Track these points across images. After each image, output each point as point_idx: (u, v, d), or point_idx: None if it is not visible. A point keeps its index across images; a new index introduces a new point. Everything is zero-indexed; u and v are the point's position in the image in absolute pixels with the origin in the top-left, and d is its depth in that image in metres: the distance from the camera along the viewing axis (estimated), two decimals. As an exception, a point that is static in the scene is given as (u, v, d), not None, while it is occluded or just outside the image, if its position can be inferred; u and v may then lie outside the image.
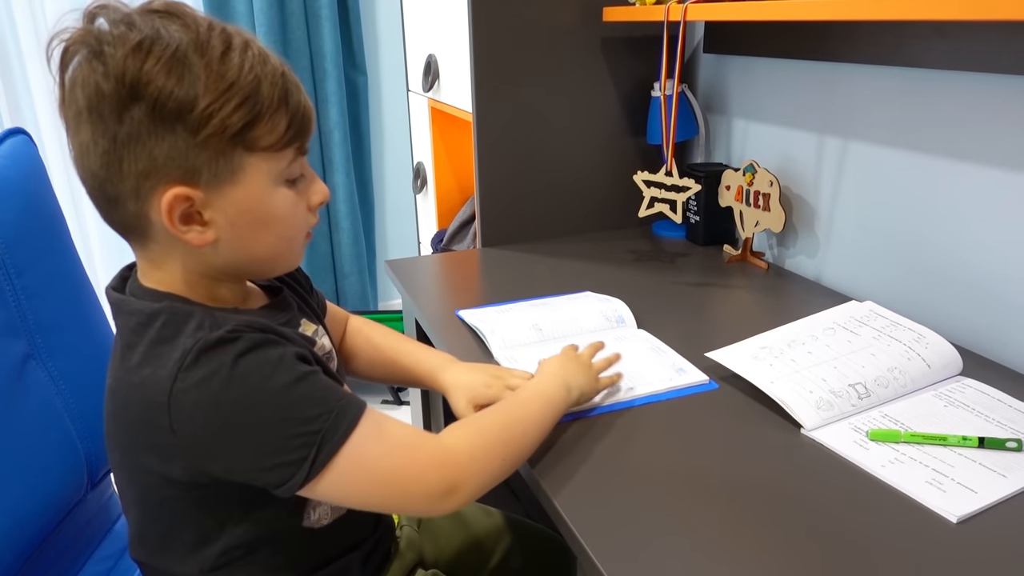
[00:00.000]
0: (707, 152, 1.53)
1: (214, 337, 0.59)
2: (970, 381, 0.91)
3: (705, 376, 0.93)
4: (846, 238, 1.22)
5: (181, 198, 0.60)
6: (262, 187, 0.64)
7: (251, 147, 0.61)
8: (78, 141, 0.60)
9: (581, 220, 1.54)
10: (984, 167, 0.98)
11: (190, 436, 0.59)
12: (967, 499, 0.71)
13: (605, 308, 1.09)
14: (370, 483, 0.63)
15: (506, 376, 0.86)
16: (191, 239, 0.62)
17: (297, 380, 0.60)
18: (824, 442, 0.81)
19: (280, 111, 0.62)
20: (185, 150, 0.59)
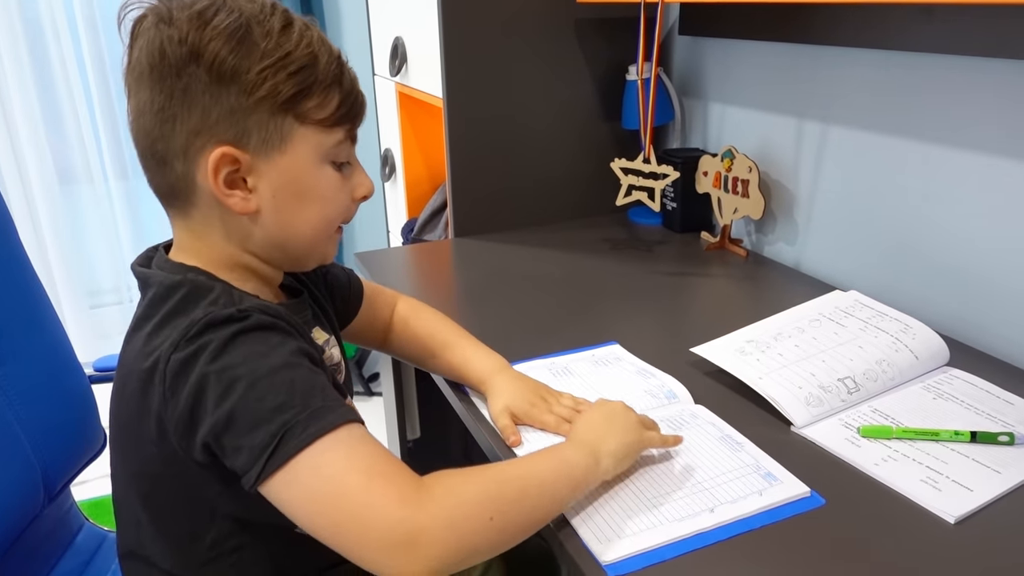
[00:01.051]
0: (683, 137, 1.50)
1: (223, 313, 0.59)
2: (957, 372, 0.90)
3: (805, 487, 0.70)
4: (826, 225, 1.20)
5: (228, 158, 0.61)
6: (308, 161, 0.65)
7: (302, 118, 0.63)
8: (136, 102, 0.62)
9: (556, 208, 1.50)
10: (968, 152, 0.97)
11: (180, 403, 0.58)
12: (963, 498, 0.69)
13: (649, 385, 0.88)
14: (321, 498, 0.55)
15: (552, 401, 0.79)
16: (233, 204, 0.63)
17: (287, 366, 0.58)
18: (815, 440, 0.79)
19: (333, 88, 0.64)
20: (237, 110, 0.61)
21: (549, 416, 0.78)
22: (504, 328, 1.06)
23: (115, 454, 0.69)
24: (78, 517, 1.04)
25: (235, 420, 0.56)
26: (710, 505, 0.68)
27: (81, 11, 2.30)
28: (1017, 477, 0.72)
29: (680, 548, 0.63)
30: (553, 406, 0.79)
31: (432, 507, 0.55)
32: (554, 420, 0.77)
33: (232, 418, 0.56)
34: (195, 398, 0.57)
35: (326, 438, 0.56)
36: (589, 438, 0.69)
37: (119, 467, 0.69)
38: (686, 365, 0.93)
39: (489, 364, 0.86)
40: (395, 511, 0.54)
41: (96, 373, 1.08)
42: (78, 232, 2.53)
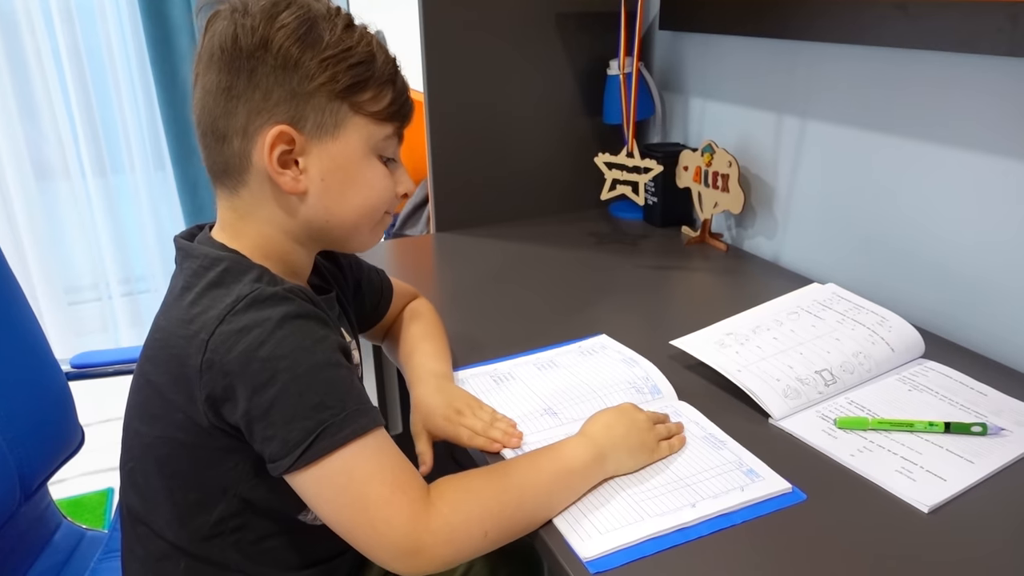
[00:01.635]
0: (664, 132, 1.50)
1: (269, 291, 0.62)
2: (932, 364, 0.91)
3: (787, 483, 0.71)
4: (804, 219, 1.21)
5: (284, 138, 0.65)
6: (359, 149, 0.69)
7: (356, 107, 0.67)
8: (204, 82, 0.66)
9: (538, 202, 1.50)
10: (944, 147, 0.98)
11: (219, 374, 0.60)
12: (937, 487, 0.70)
13: (634, 376, 0.88)
14: (346, 498, 0.60)
15: (468, 414, 0.78)
16: (284, 182, 0.67)
17: (330, 365, 0.62)
18: (793, 432, 0.80)
19: (387, 85, 0.69)
20: (298, 94, 0.65)
21: (461, 430, 0.77)
22: (489, 324, 1.06)
23: (136, 418, 0.70)
24: (56, 515, 1.03)
25: (273, 411, 0.59)
26: (692, 500, 0.69)
27: (56, 4, 2.27)
28: (989, 466, 0.73)
29: (661, 543, 0.64)
30: (466, 418, 0.78)
31: (435, 524, 0.60)
32: (467, 434, 0.76)
33: (271, 408, 0.59)
34: (236, 379, 0.60)
35: (358, 441, 0.60)
36: (598, 436, 0.71)
37: (139, 430, 0.69)
38: (667, 358, 0.93)
39: (420, 371, 0.85)
40: (405, 525, 0.60)
41: (73, 370, 1.08)
42: (55, 228, 2.50)
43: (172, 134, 2.43)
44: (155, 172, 2.55)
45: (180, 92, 2.40)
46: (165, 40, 2.34)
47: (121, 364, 1.08)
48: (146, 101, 2.45)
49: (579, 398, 0.84)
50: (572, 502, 0.67)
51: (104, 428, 1.46)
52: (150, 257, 2.61)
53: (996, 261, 0.94)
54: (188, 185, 2.50)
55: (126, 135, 2.47)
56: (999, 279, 0.94)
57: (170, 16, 2.32)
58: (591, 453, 0.69)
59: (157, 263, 2.62)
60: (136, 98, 2.45)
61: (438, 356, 0.88)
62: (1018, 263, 0.92)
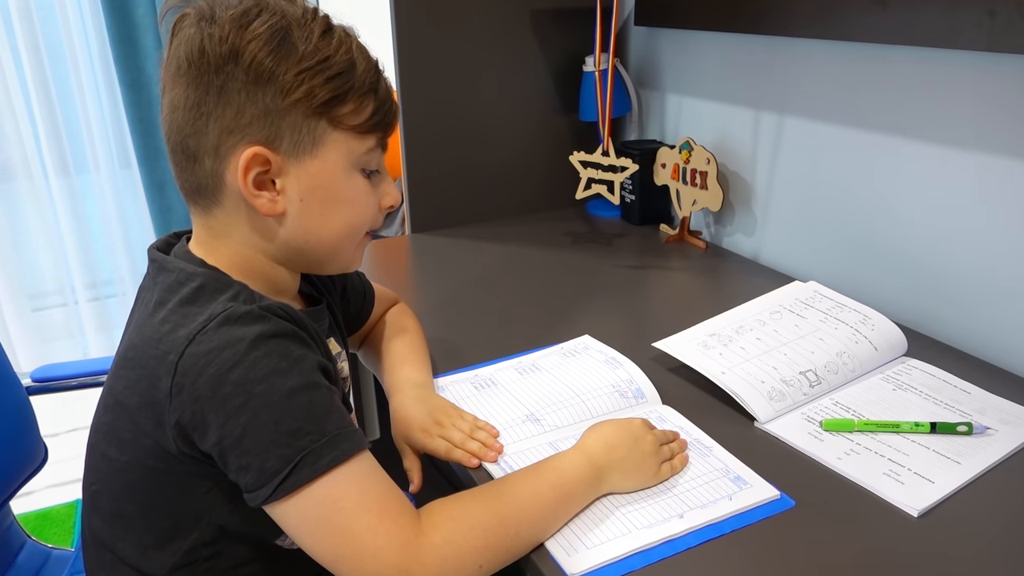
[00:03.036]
0: (640, 129, 1.49)
1: (243, 309, 0.59)
2: (915, 362, 0.90)
3: (775, 490, 0.69)
4: (784, 216, 1.20)
5: (259, 159, 0.61)
6: (339, 166, 0.65)
7: (336, 123, 0.63)
8: (171, 97, 0.62)
9: (514, 201, 1.48)
10: (925, 144, 0.97)
11: (188, 399, 0.57)
12: (925, 491, 0.69)
13: (618, 379, 0.85)
14: (330, 529, 0.57)
15: (447, 425, 0.76)
16: (260, 205, 0.63)
17: (306, 387, 0.58)
18: (779, 435, 0.78)
19: (369, 96, 0.64)
20: (272, 111, 0.61)
21: (439, 442, 0.74)
22: (469, 328, 1.03)
23: (103, 440, 0.66)
24: (19, 535, 0.99)
25: (247, 438, 0.56)
26: (679, 511, 0.67)
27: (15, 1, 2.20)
28: (976, 467, 0.72)
29: (649, 557, 0.62)
30: (445, 430, 0.75)
31: (427, 556, 0.57)
32: (444, 447, 0.74)
33: (245, 436, 0.56)
34: (206, 404, 0.56)
35: (341, 468, 0.57)
36: (597, 454, 0.68)
37: (106, 453, 0.66)
38: (650, 360, 0.92)
39: (399, 380, 0.82)
40: (395, 557, 0.56)
41: (34, 384, 1.03)
42: (18, 231, 2.43)
43: (138, 132, 2.37)
44: (120, 171, 2.48)
45: (146, 90, 2.34)
46: (129, 38, 2.28)
47: (84, 377, 1.04)
48: (110, 99, 2.39)
49: (562, 403, 0.82)
50: (566, 523, 0.65)
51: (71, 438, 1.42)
52: (117, 260, 2.54)
53: (974, 257, 0.94)
54: (155, 184, 2.44)
55: (90, 133, 2.40)
56: (977, 275, 0.94)
57: (134, 13, 2.26)
58: (589, 472, 0.66)
59: (125, 266, 2.55)
60: (99, 96, 2.38)
61: (418, 364, 0.85)
62: (995, 259, 0.91)
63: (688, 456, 0.74)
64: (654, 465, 0.70)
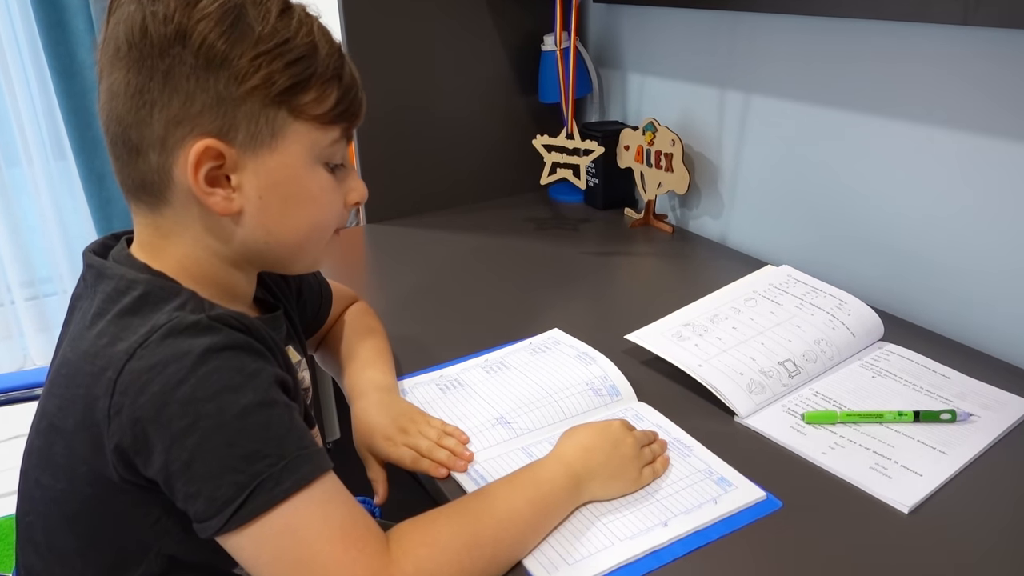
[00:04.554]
0: (601, 110, 1.44)
1: (190, 319, 0.53)
2: (892, 347, 0.88)
3: (761, 491, 0.66)
4: (752, 197, 1.17)
5: (212, 153, 0.56)
6: (301, 160, 0.59)
7: (297, 112, 0.58)
8: (108, 83, 0.56)
9: (473, 188, 1.43)
10: (895, 121, 0.95)
11: (129, 421, 0.51)
12: (914, 484, 0.67)
13: (591, 376, 0.81)
14: (291, 560, 0.51)
15: (412, 432, 0.71)
16: (214, 204, 0.57)
17: (262, 405, 0.53)
18: (760, 430, 0.75)
19: (332, 82, 0.59)
20: (225, 100, 0.55)
21: (404, 452, 0.69)
22: (431, 324, 0.98)
23: (37, 466, 0.60)
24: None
25: (196, 463, 0.51)
26: (663, 518, 0.63)
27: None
28: (962, 457, 0.70)
29: (635, 570, 0.58)
30: (415, 438, 0.70)
31: None
32: (410, 457, 0.69)
33: (193, 461, 0.51)
34: (149, 426, 0.51)
35: (302, 493, 0.52)
36: (575, 461, 0.64)
37: (40, 480, 0.60)
38: (622, 353, 0.88)
39: (361, 384, 0.77)
40: None
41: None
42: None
43: (72, 123, 2.24)
44: (55, 163, 2.35)
45: (79, 77, 2.21)
46: (59, 23, 2.14)
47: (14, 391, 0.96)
48: (40, 87, 2.25)
49: (534, 404, 0.77)
50: (544, 537, 0.61)
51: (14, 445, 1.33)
52: (55, 257, 2.42)
53: (949, 238, 0.92)
54: (93, 176, 2.31)
55: (20, 124, 2.26)
56: (953, 256, 0.92)
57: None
58: (568, 482, 0.62)
59: (63, 263, 2.43)
60: (29, 85, 2.24)
61: (381, 366, 0.80)
62: (968, 239, 0.89)
63: (669, 458, 0.70)
64: (635, 470, 0.66)
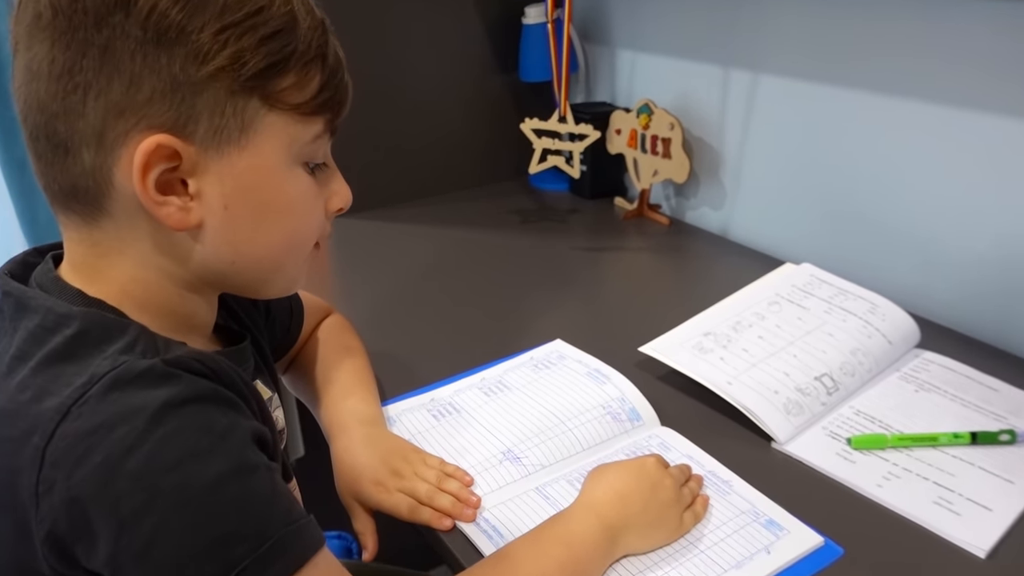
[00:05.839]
0: (588, 90, 1.34)
1: (141, 366, 0.41)
2: (930, 355, 0.80)
3: (817, 535, 0.57)
4: (757, 187, 1.08)
5: (164, 152, 0.44)
6: (277, 160, 0.48)
7: (272, 101, 0.46)
8: (27, 59, 0.44)
9: (448, 176, 1.31)
10: (920, 102, 0.86)
11: (64, 501, 0.40)
12: (985, 522, 0.59)
13: (607, 397, 0.70)
14: None
15: (407, 474, 0.61)
16: (167, 216, 0.45)
17: (237, 472, 0.41)
18: (803, 458, 0.66)
19: (315, 64, 0.48)
20: (182, 85, 0.43)
21: (400, 500, 0.59)
22: (414, 337, 0.87)
23: None
24: None
25: (154, 552, 0.39)
26: (713, 575, 0.54)
27: None
28: (1032, 486, 0.63)
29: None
30: (405, 481, 0.60)
31: None
32: (407, 506, 0.59)
33: (150, 549, 0.39)
34: (91, 506, 0.39)
35: None
36: (609, 512, 0.55)
37: None
38: (634, 368, 0.78)
39: (341, 416, 0.66)
40: None
41: None
42: None
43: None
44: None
45: None
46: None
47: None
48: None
49: (544, 433, 0.67)
50: None
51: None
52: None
53: (984, 231, 0.84)
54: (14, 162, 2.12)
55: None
56: (988, 252, 0.84)
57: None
58: (602, 536, 0.53)
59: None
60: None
61: (363, 393, 0.69)
62: (1008, 232, 0.82)
63: (708, 497, 0.61)
64: (676, 516, 0.57)
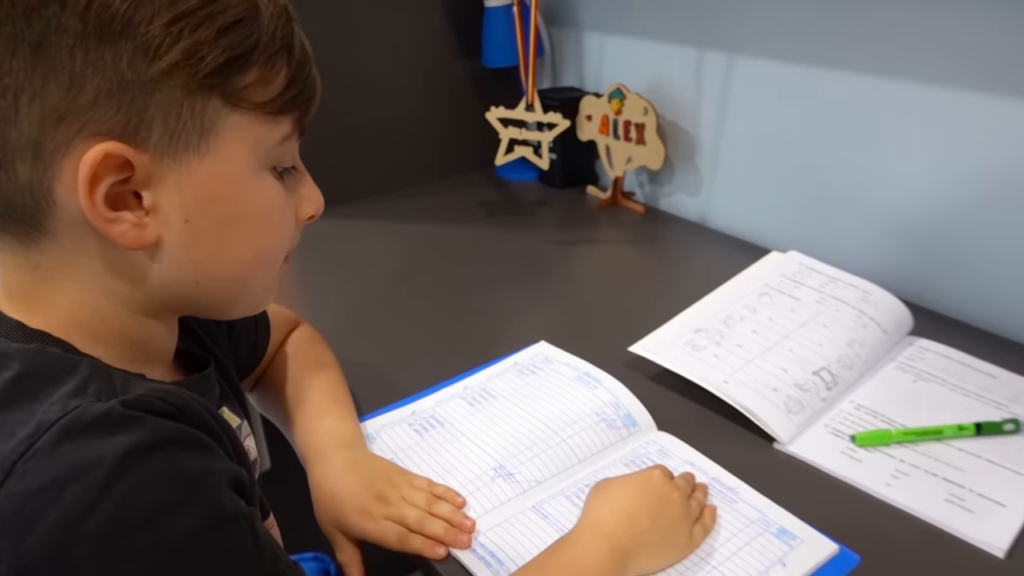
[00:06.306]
0: (554, 75, 1.29)
1: (97, 410, 0.36)
2: (925, 342, 0.78)
3: (831, 542, 0.54)
4: (735, 172, 1.05)
5: (114, 162, 0.38)
6: (242, 166, 0.43)
7: (234, 99, 0.41)
8: None
9: (408, 168, 1.25)
10: (907, 82, 0.83)
11: (8, 573, 0.35)
12: (1000, 519, 0.57)
13: (600, 403, 0.66)
14: None
15: (393, 500, 0.56)
16: (119, 234, 0.40)
17: (215, 525, 0.37)
18: (807, 459, 0.63)
19: (280, 57, 0.43)
20: (131, 85, 0.38)
21: (388, 528, 0.54)
22: (383, 342, 0.81)
23: None
24: None
25: None
26: None
27: None
28: (1043, 478, 0.60)
29: None
30: (392, 507, 0.55)
31: None
32: (395, 534, 0.54)
33: None
34: (38, 571, 0.34)
35: None
36: (616, 532, 0.51)
37: None
38: (623, 368, 0.74)
39: (318, 439, 0.61)
40: None
41: None
42: None
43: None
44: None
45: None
46: None
47: None
48: None
49: (537, 445, 0.63)
50: None
51: None
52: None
53: (972, 214, 0.82)
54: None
55: None
56: (978, 234, 0.82)
57: None
58: (611, 560, 0.49)
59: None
60: None
61: (340, 412, 0.63)
62: (996, 214, 0.80)
63: (716, 507, 0.57)
64: (686, 532, 0.53)
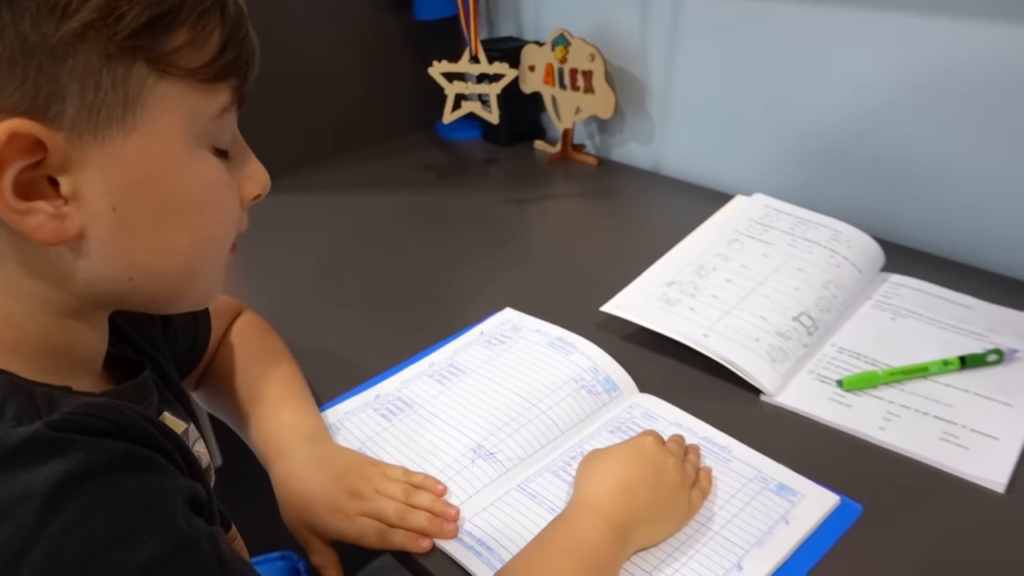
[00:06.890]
0: (490, 25, 1.22)
1: (19, 436, 0.32)
2: (898, 278, 0.76)
3: (833, 494, 0.52)
4: (688, 116, 1.01)
5: (21, 143, 0.33)
6: (175, 142, 0.37)
7: (162, 65, 0.35)
8: None
9: (345, 135, 1.17)
10: (862, 9, 0.80)
11: None
12: (996, 453, 0.56)
13: (577, 369, 0.63)
14: None
15: (368, 494, 0.51)
16: (34, 228, 0.34)
17: (174, 552, 0.32)
18: (796, 408, 0.61)
19: (212, 15, 0.37)
20: (38, 50, 0.32)
21: (366, 525, 0.50)
22: (337, 323, 0.76)
23: None
24: None
25: None
26: (734, 559, 0.48)
27: None
28: (1030, 406, 0.60)
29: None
30: (367, 502, 0.51)
31: None
32: (375, 531, 0.50)
33: None
34: None
35: None
36: (614, 509, 0.48)
37: None
38: (595, 329, 0.70)
39: (278, 434, 0.56)
40: None
41: None
42: None
43: None
44: None
45: None
46: None
47: None
48: None
49: (517, 421, 0.59)
50: None
51: None
52: None
53: (931, 142, 0.80)
54: None
55: None
56: (938, 160, 0.80)
57: None
58: (612, 539, 0.46)
59: None
60: None
61: (296, 403, 0.58)
62: (955, 139, 0.78)
63: (710, 468, 0.54)
64: (684, 499, 0.50)
